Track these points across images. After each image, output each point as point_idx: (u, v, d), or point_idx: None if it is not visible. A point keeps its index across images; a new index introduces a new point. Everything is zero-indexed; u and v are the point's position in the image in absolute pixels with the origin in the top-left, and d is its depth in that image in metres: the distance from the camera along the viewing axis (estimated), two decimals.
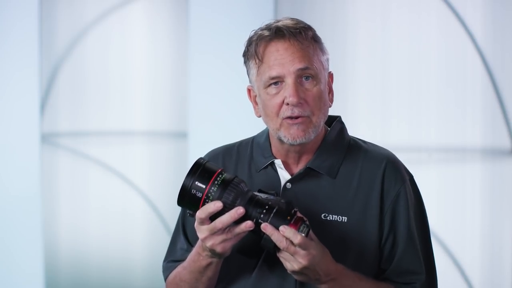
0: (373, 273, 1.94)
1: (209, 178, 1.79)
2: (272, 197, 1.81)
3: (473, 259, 3.96)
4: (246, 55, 1.97)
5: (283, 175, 1.97)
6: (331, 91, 1.98)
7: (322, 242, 1.83)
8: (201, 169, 1.80)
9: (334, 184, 1.94)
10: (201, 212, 1.79)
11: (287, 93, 1.89)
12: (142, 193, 4.61)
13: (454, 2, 3.95)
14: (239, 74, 2.03)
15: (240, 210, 1.77)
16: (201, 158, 1.84)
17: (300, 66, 1.90)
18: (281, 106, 1.91)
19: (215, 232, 1.79)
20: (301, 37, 1.91)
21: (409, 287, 1.93)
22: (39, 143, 4.59)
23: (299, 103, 1.89)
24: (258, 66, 1.93)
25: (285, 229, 1.75)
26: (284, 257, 1.79)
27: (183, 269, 1.95)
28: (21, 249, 4.59)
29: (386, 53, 4.04)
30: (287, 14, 3.88)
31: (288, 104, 1.89)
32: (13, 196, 4.58)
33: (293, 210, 1.79)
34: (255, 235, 1.80)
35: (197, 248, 1.88)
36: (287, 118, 1.90)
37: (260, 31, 1.94)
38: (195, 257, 1.89)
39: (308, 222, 1.78)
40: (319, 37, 1.96)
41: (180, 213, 2.08)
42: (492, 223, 3.93)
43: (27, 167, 4.58)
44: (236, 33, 4.16)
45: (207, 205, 1.78)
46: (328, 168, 1.95)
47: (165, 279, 2.04)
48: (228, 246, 1.82)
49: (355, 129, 2.10)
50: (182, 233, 2.06)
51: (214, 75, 4.28)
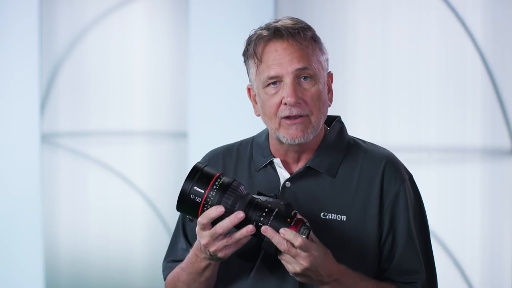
0: (373, 272, 1.94)
1: (208, 183, 1.79)
2: (271, 199, 1.81)
3: (473, 259, 3.96)
4: (245, 54, 1.98)
5: (283, 174, 1.97)
6: (330, 91, 1.99)
7: (321, 241, 1.83)
8: (199, 174, 1.80)
9: (333, 183, 1.95)
10: (203, 218, 1.79)
11: (285, 93, 1.90)
12: (142, 193, 4.61)
13: (454, 2, 3.95)
14: (239, 74, 2.04)
15: (240, 215, 1.77)
16: (199, 163, 1.84)
17: (298, 66, 1.90)
18: (279, 106, 1.91)
19: (216, 237, 1.80)
20: (300, 37, 1.91)
21: (410, 286, 1.93)
22: (39, 143, 4.59)
23: (297, 103, 1.90)
24: (257, 66, 1.94)
25: (285, 231, 1.75)
26: (286, 259, 1.79)
27: (181, 270, 1.95)
28: (21, 249, 4.59)
29: (386, 53, 4.04)
30: (287, 14, 3.88)
31: (286, 104, 1.90)
32: (13, 196, 4.58)
33: (293, 212, 1.79)
34: (256, 238, 1.80)
35: (194, 250, 1.89)
36: (285, 118, 1.90)
37: (259, 31, 1.95)
38: (192, 259, 1.90)
39: (308, 224, 1.78)
40: (318, 37, 1.96)
41: (181, 213, 2.07)
42: (492, 223, 3.93)
43: (27, 167, 4.58)
44: (236, 33, 4.15)
45: (208, 210, 1.78)
46: (328, 167, 1.95)
47: (165, 278, 2.05)
48: (229, 252, 1.82)
49: (355, 129, 2.10)
50: (182, 233, 2.06)
51: (214, 75, 4.28)
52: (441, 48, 3.98)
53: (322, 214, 1.91)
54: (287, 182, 1.96)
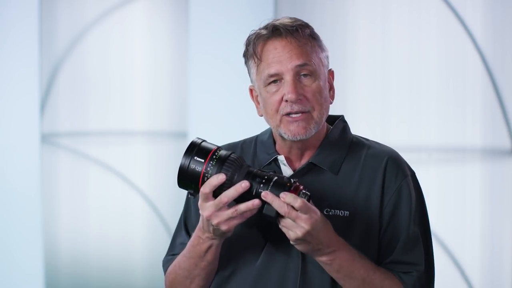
0: None
1: (207, 155, 1.82)
2: (271, 173, 1.84)
3: (473, 259, 3.96)
4: (246, 55, 2.00)
5: (286, 171, 1.98)
6: (332, 88, 2.00)
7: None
8: (197, 148, 1.83)
9: (336, 179, 1.96)
10: (205, 187, 1.80)
11: (286, 90, 1.92)
12: (142, 193, 4.62)
13: (454, 2, 3.95)
14: (239, 74, 2.04)
15: (245, 184, 1.79)
16: (197, 138, 1.86)
17: (298, 62, 1.92)
18: (280, 103, 1.93)
19: (220, 208, 1.80)
20: (298, 35, 1.93)
21: (406, 275, 1.93)
22: (39, 143, 4.59)
23: (298, 99, 1.91)
24: (257, 65, 1.95)
25: (285, 195, 1.77)
26: (286, 225, 1.79)
27: (182, 257, 1.96)
28: (21, 249, 4.59)
29: (386, 53, 4.04)
30: (287, 14, 3.88)
31: (287, 101, 1.91)
32: (13, 196, 4.58)
33: (292, 180, 1.81)
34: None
35: (197, 232, 1.89)
36: (287, 114, 1.92)
37: (258, 30, 1.97)
38: (194, 241, 1.90)
39: (307, 191, 1.80)
40: (317, 34, 1.98)
41: (183, 209, 2.09)
42: (492, 223, 3.93)
43: (27, 167, 4.58)
44: (236, 33, 4.15)
45: (210, 179, 1.80)
46: (331, 164, 1.97)
47: (165, 272, 2.05)
48: (233, 225, 1.83)
49: (355, 129, 2.10)
50: (184, 228, 2.07)
51: (214, 75, 4.28)
52: (441, 48, 3.98)
53: (325, 210, 1.92)
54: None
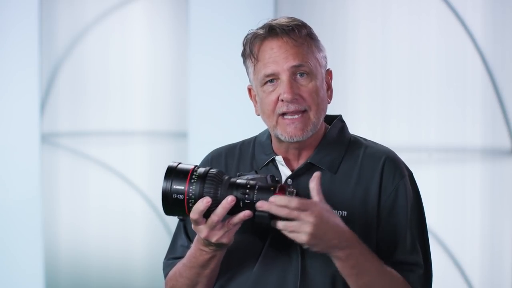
0: None
1: (185, 178, 1.80)
2: (251, 176, 1.83)
3: (473, 259, 3.96)
4: (243, 55, 2.00)
5: (284, 171, 1.98)
6: (329, 88, 2.00)
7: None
8: (174, 173, 1.82)
9: (334, 179, 1.96)
10: (193, 214, 1.80)
11: (282, 89, 1.92)
12: (142, 193, 4.61)
13: (454, 2, 3.95)
14: (239, 74, 2.04)
15: (231, 199, 1.78)
16: (172, 162, 1.85)
17: (294, 63, 1.92)
18: (276, 103, 1.93)
19: (214, 227, 1.80)
20: (294, 35, 1.93)
21: (404, 273, 1.93)
22: (39, 143, 4.59)
23: (294, 99, 1.91)
24: (254, 65, 1.96)
25: (275, 198, 1.75)
26: (293, 229, 1.76)
27: (182, 266, 1.96)
28: (21, 249, 4.59)
29: (386, 53, 4.04)
30: (287, 14, 3.88)
31: (283, 100, 1.91)
32: (13, 196, 4.58)
33: (275, 179, 1.81)
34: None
35: (197, 244, 1.89)
36: (283, 115, 1.92)
37: (255, 30, 1.98)
38: (196, 253, 1.90)
39: (293, 189, 1.78)
40: (315, 34, 1.98)
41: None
42: (492, 223, 3.93)
43: (27, 167, 4.58)
44: (236, 33, 4.14)
45: (196, 204, 1.79)
46: (329, 163, 1.96)
47: (165, 276, 2.05)
48: (231, 236, 1.83)
49: (355, 129, 2.10)
50: (183, 230, 2.07)
51: (214, 75, 4.28)
52: (441, 48, 3.98)
53: None
54: (289, 180, 1.97)
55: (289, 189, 1.78)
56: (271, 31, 1.94)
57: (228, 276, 1.98)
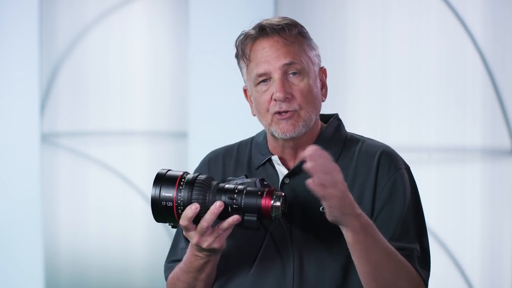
0: None
1: (173, 185, 1.81)
2: (240, 180, 1.84)
3: (473, 259, 3.96)
4: (237, 56, 2.03)
5: (281, 170, 1.99)
6: (324, 86, 2.01)
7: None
8: (163, 180, 1.82)
9: None
10: (183, 220, 1.81)
11: (274, 89, 1.93)
12: (142, 193, 4.62)
13: (454, 2, 3.95)
14: (239, 74, 2.05)
15: (219, 204, 1.79)
16: (162, 169, 1.86)
17: (285, 61, 1.93)
18: (270, 102, 1.94)
19: (204, 233, 1.81)
20: (285, 33, 1.94)
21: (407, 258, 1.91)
22: (39, 143, 4.59)
23: (286, 98, 1.93)
24: (247, 65, 1.98)
25: (310, 148, 1.74)
26: (328, 183, 1.74)
27: (179, 270, 1.97)
28: (21, 249, 4.59)
29: (386, 53, 4.04)
30: (287, 14, 3.88)
31: (276, 99, 1.92)
32: (13, 196, 4.58)
33: (264, 182, 1.82)
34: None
35: (191, 250, 1.90)
36: (276, 113, 1.93)
37: (247, 31, 2.00)
38: (191, 258, 1.91)
39: (280, 193, 1.80)
40: (306, 33, 1.99)
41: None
42: (492, 223, 3.93)
43: (27, 167, 4.58)
44: (236, 33, 4.14)
45: (185, 211, 1.80)
46: None
47: (166, 278, 2.06)
48: (223, 240, 1.84)
49: (355, 129, 2.10)
50: (182, 233, 2.07)
51: (214, 75, 4.28)
52: (441, 48, 3.98)
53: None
54: (285, 179, 1.98)
55: (277, 193, 1.80)
56: (261, 31, 1.96)
57: (225, 279, 1.98)
